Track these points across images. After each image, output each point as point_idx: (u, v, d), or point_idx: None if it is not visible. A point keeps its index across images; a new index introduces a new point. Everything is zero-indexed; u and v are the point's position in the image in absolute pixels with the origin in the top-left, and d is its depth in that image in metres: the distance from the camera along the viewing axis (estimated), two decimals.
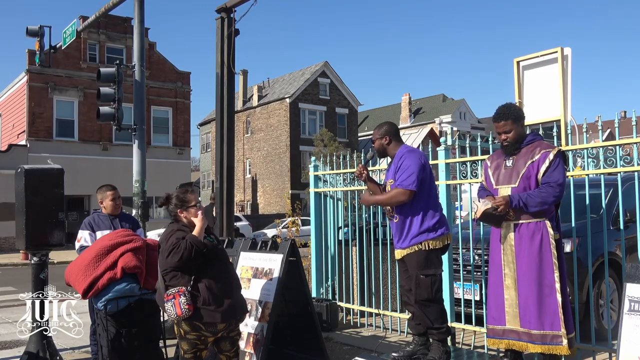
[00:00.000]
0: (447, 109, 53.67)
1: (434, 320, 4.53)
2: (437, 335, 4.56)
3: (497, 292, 4.34)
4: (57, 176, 5.66)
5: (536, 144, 4.29)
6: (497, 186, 4.35)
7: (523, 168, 4.21)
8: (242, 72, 47.35)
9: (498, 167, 4.41)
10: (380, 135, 4.79)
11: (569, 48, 5.41)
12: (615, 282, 5.91)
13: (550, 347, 4.07)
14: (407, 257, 4.57)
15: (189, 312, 3.84)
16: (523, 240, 4.18)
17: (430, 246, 4.49)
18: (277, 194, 43.31)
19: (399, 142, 4.80)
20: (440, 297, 4.66)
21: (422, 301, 4.50)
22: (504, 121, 4.29)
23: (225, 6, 7.54)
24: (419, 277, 4.48)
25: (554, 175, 4.11)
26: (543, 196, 4.07)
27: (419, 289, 4.49)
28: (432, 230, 4.50)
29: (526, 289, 4.15)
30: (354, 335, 6.71)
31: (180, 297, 3.85)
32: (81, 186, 24.80)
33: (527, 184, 4.18)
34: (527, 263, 4.15)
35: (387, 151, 4.80)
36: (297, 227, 12.38)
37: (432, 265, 4.51)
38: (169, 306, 3.87)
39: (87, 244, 5.30)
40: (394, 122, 5.16)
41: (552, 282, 4.09)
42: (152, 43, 30.62)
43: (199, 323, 3.93)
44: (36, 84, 27.37)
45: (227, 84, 7.56)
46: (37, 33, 12.94)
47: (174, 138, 31.49)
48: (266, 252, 5.31)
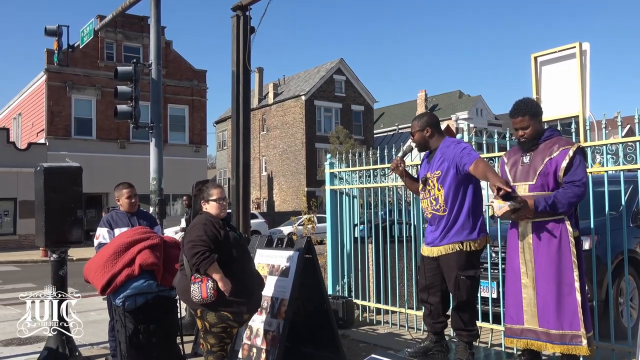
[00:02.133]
0: (463, 106, 53.33)
1: (467, 322, 4.46)
2: (467, 337, 4.49)
3: (514, 291, 4.27)
4: (75, 174, 5.72)
5: (554, 139, 4.21)
6: (514, 183, 4.26)
7: (540, 165, 4.13)
8: (257, 70, 47.45)
9: (515, 164, 4.33)
10: (420, 127, 4.57)
11: (588, 43, 5.34)
12: (636, 280, 5.84)
13: (569, 347, 4.00)
14: (444, 257, 4.40)
15: (213, 298, 3.90)
16: (541, 239, 4.11)
17: (472, 247, 4.36)
18: (293, 192, 43.38)
19: (441, 134, 4.59)
20: (476, 299, 4.56)
21: (461, 303, 4.41)
22: (521, 117, 4.20)
23: (240, 4, 7.55)
24: (460, 278, 4.35)
25: (577, 174, 4.02)
26: (569, 196, 3.98)
27: (458, 290, 4.37)
28: (475, 230, 4.38)
29: (545, 288, 4.08)
30: (370, 332, 6.70)
31: (208, 281, 3.91)
32: (99, 184, 25.06)
33: (544, 181, 4.11)
34: (546, 262, 4.09)
35: (428, 144, 4.57)
36: (313, 225, 12.38)
37: (472, 266, 4.39)
38: (195, 287, 3.91)
39: (106, 241, 5.35)
40: (434, 114, 4.93)
41: (572, 281, 4.02)
42: (169, 42, 30.80)
43: (227, 312, 3.98)
44: (55, 83, 27.69)
45: (243, 82, 7.57)
46: (55, 32, 13.08)
47: (190, 136, 31.67)
48: (282, 249, 5.32)
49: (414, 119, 4.71)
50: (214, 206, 4.18)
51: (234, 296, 3.97)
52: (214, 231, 4.02)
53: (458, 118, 51.32)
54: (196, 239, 3.96)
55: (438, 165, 4.44)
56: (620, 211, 5.41)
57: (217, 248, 3.99)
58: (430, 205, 4.51)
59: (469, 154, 4.29)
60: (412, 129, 4.66)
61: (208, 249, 3.93)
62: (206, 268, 3.90)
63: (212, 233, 4.00)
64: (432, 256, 4.51)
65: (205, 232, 3.98)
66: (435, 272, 4.53)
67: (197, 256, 3.90)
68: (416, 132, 4.60)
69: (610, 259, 5.07)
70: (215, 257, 3.94)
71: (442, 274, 4.49)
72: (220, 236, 4.03)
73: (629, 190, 5.91)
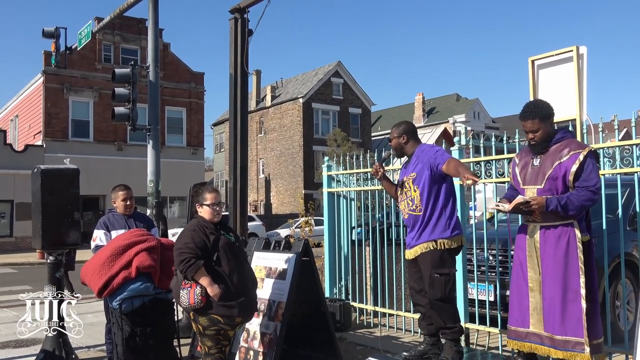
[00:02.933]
0: (460, 109, 53.38)
1: (447, 320, 4.51)
2: (450, 334, 4.54)
3: (520, 294, 4.24)
4: (72, 176, 5.71)
5: (565, 142, 4.11)
6: (524, 186, 4.21)
7: (550, 169, 4.07)
8: (255, 73, 47.45)
9: (525, 166, 4.26)
10: (398, 134, 4.79)
11: (585, 47, 5.35)
12: (632, 283, 5.84)
13: (572, 354, 3.97)
14: (421, 257, 4.55)
15: (201, 304, 3.97)
16: (549, 243, 4.07)
17: (445, 246, 4.49)
18: (291, 194, 43.36)
19: (417, 141, 4.80)
20: (454, 297, 4.65)
21: (436, 300, 4.49)
22: (531, 120, 4.12)
23: (238, 7, 7.55)
24: (433, 276, 4.47)
25: (591, 179, 3.96)
26: (582, 200, 3.93)
27: (433, 288, 4.48)
28: (448, 229, 4.50)
29: (551, 293, 4.05)
30: (367, 335, 6.70)
31: (197, 287, 3.98)
32: (96, 186, 25.03)
33: (553, 186, 4.04)
34: (553, 267, 4.04)
35: (404, 150, 4.80)
36: (310, 227, 12.40)
37: (447, 264, 4.51)
38: (183, 294, 4.00)
39: (103, 243, 5.34)
40: (411, 122, 5.15)
41: (577, 287, 3.97)
42: (166, 44, 30.82)
43: (217, 316, 4.00)
44: (52, 85, 27.66)
45: (240, 85, 7.57)
46: (53, 34, 13.06)
47: (188, 138, 31.66)
48: (279, 252, 5.32)
49: (393, 126, 4.93)
50: (207, 211, 4.22)
51: (223, 300, 4.00)
52: (203, 237, 4.07)
53: (455, 121, 51.38)
54: (183, 247, 4.03)
55: (413, 167, 4.65)
56: (617, 214, 5.42)
57: (205, 254, 4.03)
58: (407, 206, 4.68)
59: (442, 155, 4.51)
60: (390, 136, 4.88)
61: (194, 256, 3.98)
62: (192, 275, 3.96)
63: (199, 239, 4.05)
64: (412, 258, 4.65)
65: (192, 238, 4.04)
66: (420, 274, 4.64)
67: (183, 263, 3.97)
68: (394, 138, 4.83)
69: (607, 262, 5.07)
70: (201, 263, 3.98)
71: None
72: (209, 242, 4.08)
73: (626, 194, 5.91)
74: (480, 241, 6.00)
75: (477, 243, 6.03)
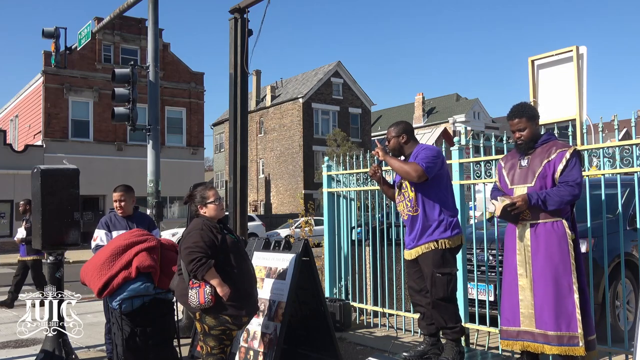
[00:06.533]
0: (460, 109, 53.41)
1: (448, 320, 4.51)
2: (451, 334, 4.54)
3: (511, 293, 4.29)
4: (72, 176, 5.71)
5: (551, 143, 4.26)
6: (512, 186, 4.31)
7: (539, 167, 4.18)
8: (255, 73, 47.47)
9: (513, 167, 4.37)
10: (397, 133, 4.75)
11: (585, 47, 5.36)
12: (632, 283, 5.84)
13: (566, 349, 4.01)
14: (422, 257, 4.55)
15: (210, 303, 3.93)
16: (539, 240, 4.13)
17: (446, 245, 4.49)
18: (290, 194, 43.37)
19: (415, 141, 4.78)
20: (455, 297, 4.65)
21: (438, 300, 4.48)
22: (518, 119, 4.26)
23: (238, 6, 7.55)
24: (435, 275, 4.46)
25: (572, 175, 4.08)
26: (562, 194, 4.04)
27: (435, 287, 4.48)
28: (449, 229, 4.51)
29: (543, 290, 4.10)
30: (367, 335, 6.69)
31: (206, 286, 3.94)
32: (96, 186, 25.04)
33: (543, 184, 4.15)
34: (544, 263, 4.10)
35: (402, 150, 4.76)
36: (310, 227, 12.39)
37: (448, 264, 4.52)
38: (192, 293, 3.95)
39: (103, 243, 5.34)
40: (409, 122, 5.13)
41: (570, 282, 4.04)
42: (166, 44, 30.82)
43: (225, 316, 3.99)
44: (52, 85, 27.66)
45: (240, 85, 7.56)
46: (52, 34, 13.06)
47: (188, 138, 31.66)
48: (279, 252, 5.32)
49: (390, 126, 4.88)
50: (213, 208, 4.18)
51: (232, 300, 3.98)
52: (211, 236, 4.03)
53: (455, 121, 51.41)
54: (192, 245, 3.96)
55: None
56: (617, 214, 5.42)
57: (214, 253, 4.00)
58: (405, 207, 4.68)
59: (423, 158, 4.49)
60: (388, 135, 4.83)
61: (205, 255, 3.93)
62: (203, 274, 3.91)
63: (208, 238, 4.00)
64: (413, 259, 4.65)
65: (201, 237, 3.99)
66: (420, 274, 4.65)
67: (194, 262, 3.91)
68: (392, 138, 4.78)
69: (607, 262, 5.07)
70: (212, 262, 3.94)
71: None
72: (217, 241, 4.04)
73: (626, 194, 5.92)
74: (480, 241, 6.00)
75: (477, 243, 6.03)
